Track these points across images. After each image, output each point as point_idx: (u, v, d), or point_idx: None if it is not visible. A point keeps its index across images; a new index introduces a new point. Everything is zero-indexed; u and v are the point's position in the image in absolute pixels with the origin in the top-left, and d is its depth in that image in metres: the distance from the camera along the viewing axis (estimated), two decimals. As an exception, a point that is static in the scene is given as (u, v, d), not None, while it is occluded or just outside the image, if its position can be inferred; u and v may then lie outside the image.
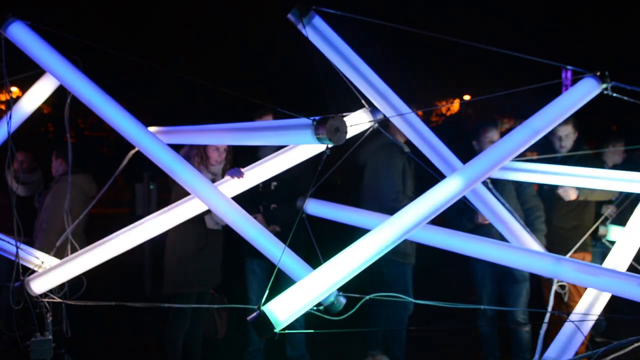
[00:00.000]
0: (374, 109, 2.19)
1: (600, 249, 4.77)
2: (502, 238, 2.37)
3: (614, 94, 1.91)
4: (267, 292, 1.65)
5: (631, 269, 2.23)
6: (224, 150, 3.93)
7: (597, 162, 4.45)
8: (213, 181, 2.55)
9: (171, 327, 3.95)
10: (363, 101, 2.15)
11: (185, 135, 2.43)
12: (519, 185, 4.02)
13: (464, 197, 2.16)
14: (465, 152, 2.64)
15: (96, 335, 5.23)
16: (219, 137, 2.42)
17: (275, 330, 1.57)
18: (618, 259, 2.23)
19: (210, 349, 4.69)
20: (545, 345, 2.20)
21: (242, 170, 2.42)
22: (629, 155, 5.15)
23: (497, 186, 2.58)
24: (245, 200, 4.01)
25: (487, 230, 3.84)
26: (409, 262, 4.25)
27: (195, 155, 3.87)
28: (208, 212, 3.61)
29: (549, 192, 4.25)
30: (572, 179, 2.53)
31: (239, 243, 4.11)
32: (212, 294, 4.32)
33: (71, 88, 2.16)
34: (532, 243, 2.48)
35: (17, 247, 2.36)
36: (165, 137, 2.40)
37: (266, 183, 4.00)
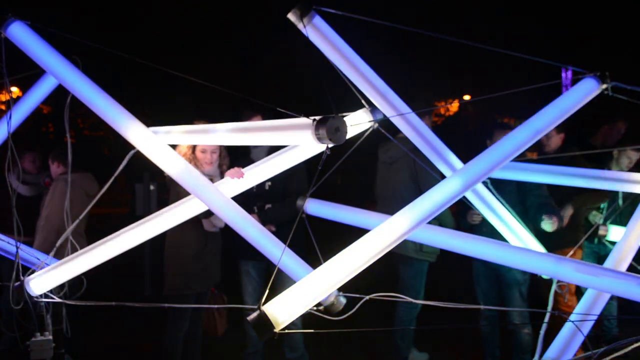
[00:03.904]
0: (374, 109, 2.19)
1: (595, 249, 4.79)
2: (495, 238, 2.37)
3: (614, 94, 1.91)
4: (266, 291, 1.66)
5: (631, 269, 2.23)
6: (212, 152, 3.88)
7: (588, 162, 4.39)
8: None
9: (171, 328, 3.95)
10: (363, 101, 2.15)
11: (185, 135, 2.43)
12: (526, 188, 3.97)
13: (464, 197, 2.16)
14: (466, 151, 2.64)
15: (96, 335, 5.24)
16: (218, 137, 2.41)
17: (275, 330, 1.57)
18: (618, 259, 2.23)
19: (209, 349, 4.69)
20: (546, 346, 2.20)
21: (242, 170, 2.42)
22: None
23: (499, 186, 2.58)
24: (240, 201, 4.01)
25: (479, 230, 3.85)
26: (426, 258, 4.29)
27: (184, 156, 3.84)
28: (205, 215, 3.61)
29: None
30: (571, 179, 2.53)
31: (233, 245, 4.13)
32: (212, 291, 4.33)
33: (71, 88, 2.16)
34: (532, 243, 2.48)
35: (17, 247, 2.36)
36: (166, 137, 2.39)
37: (260, 183, 4.00)
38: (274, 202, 4.12)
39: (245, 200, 3.97)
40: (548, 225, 3.63)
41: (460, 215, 4.21)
